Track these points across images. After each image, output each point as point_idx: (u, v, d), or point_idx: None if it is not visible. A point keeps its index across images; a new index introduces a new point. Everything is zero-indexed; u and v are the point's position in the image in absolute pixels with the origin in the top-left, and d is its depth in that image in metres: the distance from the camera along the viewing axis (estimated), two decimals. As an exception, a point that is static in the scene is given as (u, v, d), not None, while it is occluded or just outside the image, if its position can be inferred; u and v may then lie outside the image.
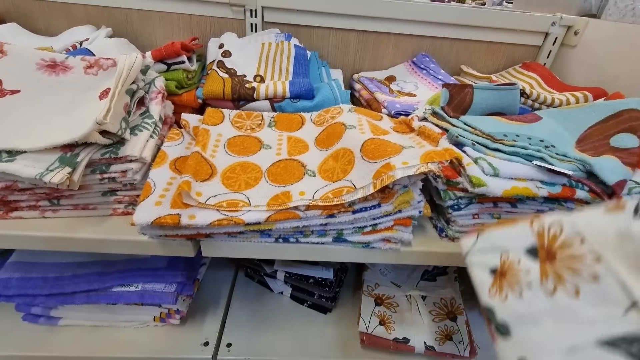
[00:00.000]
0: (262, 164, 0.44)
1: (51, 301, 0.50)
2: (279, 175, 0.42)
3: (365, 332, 0.58)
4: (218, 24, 0.76)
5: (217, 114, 0.51)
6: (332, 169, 0.42)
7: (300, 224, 0.38)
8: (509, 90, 0.56)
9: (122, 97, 0.41)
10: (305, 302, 0.65)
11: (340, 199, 0.37)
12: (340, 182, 0.39)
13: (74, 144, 0.37)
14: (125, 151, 0.39)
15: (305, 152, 0.46)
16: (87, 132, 0.35)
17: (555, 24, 0.77)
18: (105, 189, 0.41)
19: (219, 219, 0.35)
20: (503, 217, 0.43)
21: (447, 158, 0.37)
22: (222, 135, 0.48)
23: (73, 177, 0.36)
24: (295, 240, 0.40)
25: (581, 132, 0.50)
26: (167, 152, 0.44)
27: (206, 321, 0.60)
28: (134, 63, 0.44)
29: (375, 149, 0.39)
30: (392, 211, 0.39)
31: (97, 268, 0.51)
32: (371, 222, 0.40)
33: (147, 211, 0.35)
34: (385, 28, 0.78)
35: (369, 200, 0.38)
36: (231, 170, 0.42)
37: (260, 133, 0.50)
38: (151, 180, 0.39)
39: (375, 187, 0.36)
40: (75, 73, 0.45)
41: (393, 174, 0.35)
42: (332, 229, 0.40)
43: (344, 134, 0.45)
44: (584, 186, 0.40)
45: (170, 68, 0.56)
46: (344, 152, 0.43)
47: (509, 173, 0.40)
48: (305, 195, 0.38)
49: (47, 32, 0.75)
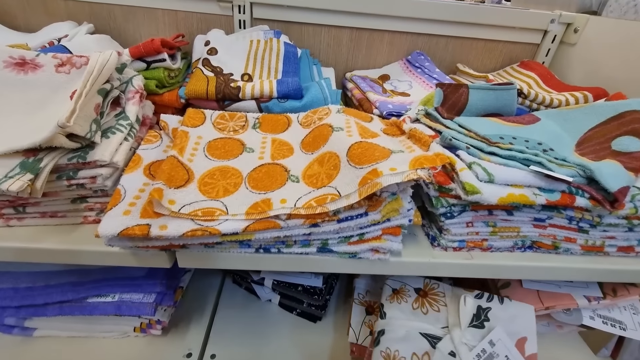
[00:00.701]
0: (243, 169, 0.41)
1: (21, 313, 0.47)
2: (260, 181, 0.39)
3: (355, 343, 0.56)
4: (205, 20, 0.73)
5: (198, 114, 0.49)
6: (317, 174, 0.39)
7: (282, 234, 0.35)
8: (506, 90, 0.54)
9: (93, 97, 0.39)
10: (294, 310, 0.63)
11: (324, 207, 0.34)
12: (325, 188, 0.37)
13: (37, 148, 0.34)
14: (94, 155, 0.36)
15: (289, 156, 0.44)
16: (48, 135, 0.32)
17: (554, 22, 0.75)
18: (75, 195, 0.38)
19: (192, 230, 0.33)
20: (498, 225, 0.40)
21: (438, 164, 0.34)
22: (202, 138, 0.45)
23: (35, 185, 0.33)
24: (277, 251, 0.38)
25: (581, 134, 0.48)
26: (142, 155, 0.42)
27: (190, 331, 0.58)
28: (107, 61, 0.41)
29: (362, 153, 0.37)
30: (380, 220, 0.36)
31: (72, 277, 0.48)
32: (358, 232, 0.37)
33: (114, 221, 0.33)
34: (380, 25, 0.75)
35: (355, 209, 0.35)
36: (210, 176, 0.39)
37: (244, 135, 0.48)
38: (122, 186, 0.37)
39: (361, 195, 0.33)
40: (45, 72, 0.42)
41: (380, 181, 0.32)
42: (316, 239, 0.37)
43: (330, 136, 0.43)
44: (585, 193, 0.38)
45: (150, 66, 0.53)
46: (330, 156, 0.40)
47: (504, 179, 0.37)
48: (286, 203, 0.35)
49: (26, 28, 0.72)
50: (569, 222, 0.40)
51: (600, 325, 0.49)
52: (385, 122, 0.52)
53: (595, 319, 0.49)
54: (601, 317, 0.50)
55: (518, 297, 0.50)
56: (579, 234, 0.41)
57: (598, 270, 0.42)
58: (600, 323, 0.49)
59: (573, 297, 0.49)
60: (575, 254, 0.43)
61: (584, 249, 0.42)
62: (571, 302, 0.49)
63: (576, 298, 0.49)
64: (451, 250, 0.41)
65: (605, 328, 0.49)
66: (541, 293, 0.50)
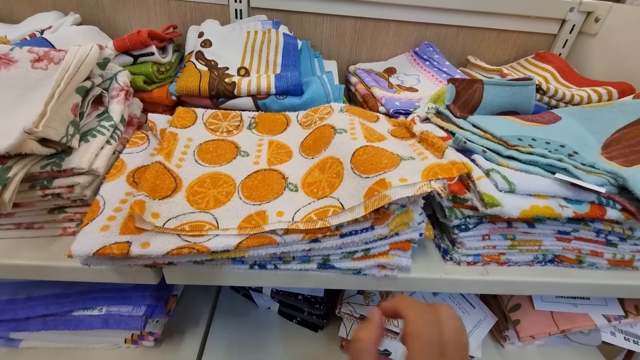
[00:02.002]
0: (237, 176, 0.37)
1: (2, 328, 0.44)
2: (255, 189, 0.36)
3: (345, 338, 0.54)
4: (199, 10, 0.69)
5: (189, 114, 0.45)
6: (318, 183, 0.35)
7: (278, 250, 0.32)
8: (524, 86, 0.50)
9: (70, 97, 0.35)
10: (295, 318, 0.60)
11: (325, 222, 0.31)
12: (326, 199, 0.33)
13: (5, 155, 0.31)
14: (70, 162, 0.32)
15: (287, 161, 0.40)
16: (13, 142, 0.28)
17: (573, 10, 0.70)
18: (51, 206, 0.35)
19: (178, 247, 0.29)
20: (518, 238, 0.37)
21: (455, 174, 0.31)
22: (192, 140, 0.41)
23: (3, 197, 0.29)
24: (274, 267, 0.35)
25: (608, 135, 0.44)
26: (126, 160, 0.38)
27: (185, 340, 0.55)
28: (86, 56, 0.37)
29: (368, 159, 0.33)
30: (388, 234, 0.33)
31: (56, 289, 0.45)
32: (363, 247, 0.34)
33: (90, 238, 0.29)
34: (385, 14, 0.70)
35: (360, 222, 0.32)
36: (199, 184, 0.36)
37: (238, 137, 0.44)
38: (101, 197, 0.33)
39: (367, 209, 0.30)
40: (20, 67, 0.38)
41: (388, 194, 0.29)
42: (317, 255, 0.34)
43: (332, 139, 0.39)
44: (616, 204, 0.34)
45: (137, 61, 0.49)
46: (332, 161, 0.36)
47: (527, 189, 0.33)
48: (283, 217, 0.32)
49: (10, 19, 0.67)
50: (596, 235, 0.37)
51: (622, 342, 0.46)
52: (393, 121, 0.48)
53: (617, 334, 0.46)
54: (623, 332, 0.46)
55: (530, 319, 0.46)
56: (607, 247, 0.37)
57: (627, 287, 0.38)
58: (622, 340, 0.46)
59: (591, 317, 0.45)
60: (601, 268, 0.39)
61: (610, 264, 0.38)
62: (589, 323, 0.45)
63: (594, 318, 0.45)
64: (465, 264, 0.38)
65: (628, 345, 0.45)
66: (555, 314, 0.47)
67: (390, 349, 0.54)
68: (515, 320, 0.46)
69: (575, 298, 0.47)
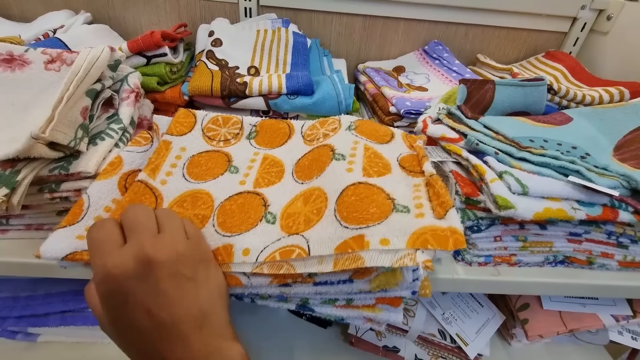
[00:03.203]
0: (218, 196, 0.34)
1: (23, 323, 0.45)
2: (230, 216, 0.32)
3: (355, 335, 0.55)
4: (208, 8, 0.69)
5: (188, 118, 0.42)
6: (296, 215, 0.32)
7: (246, 291, 0.29)
8: (535, 86, 0.50)
9: (80, 100, 0.34)
10: (304, 314, 0.61)
11: (289, 265, 0.27)
12: (296, 237, 0.29)
13: (15, 159, 0.31)
14: (77, 166, 0.32)
15: (275, 183, 0.37)
16: (21, 148, 0.29)
17: (585, 8, 0.69)
18: (60, 208, 0.35)
19: None
20: (529, 240, 0.37)
21: (451, 249, 0.25)
22: (185, 150, 0.39)
23: (12, 200, 0.30)
24: (251, 300, 0.31)
25: (620, 137, 0.44)
26: (124, 159, 0.36)
27: (197, 336, 0.56)
28: (97, 58, 0.36)
29: (354, 204, 0.29)
30: (372, 290, 0.28)
31: (73, 285, 0.46)
32: (344, 296, 0.30)
33: (63, 242, 0.28)
34: (395, 12, 0.70)
35: (336, 273, 0.27)
36: (179, 204, 0.33)
37: (234, 147, 0.41)
38: (87, 197, 0.31)
39: (336, 266, 0.26)
40: (34, 69, 0.39)
41: (363, 257, 0.25)
42: (294, 297, 0.30)
43: (327, 166, 0.35)
44: (628, 207, 0.34)
45: (150, 61, 0.49)
46: (318, 194, 0.32)
47: (540, 191, 0.34)
48: (248, 256, 0.28)
49: (21, 17, 0.68)
50: (607, 237, 0.37)
51: (629, 342, 0.46)
52: (411, 140, 0.40)
53: (624, 334, 0.47)
54: (630, 332, 0.47)
55: (538, 319, 0.47)
56: (618, 249, 0.38)
57: (637, 287, 0.39)
58: (629, 339, 0.46)
59: (599, 317, 0.46)
60: (612, 269, 0.39)
61: (621, 265, 0.39)
62: (597, 323, 0.46)
63: (602, 318, 0.46)
64: (476, 265, 0.38)
65: (635, 344, 0.46)
66: (564, 314, 0.47)
67: (399, 345, 0.54)
68: (524, 319, 0.46)
69: (584, 298, 0.47)
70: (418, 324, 0.53)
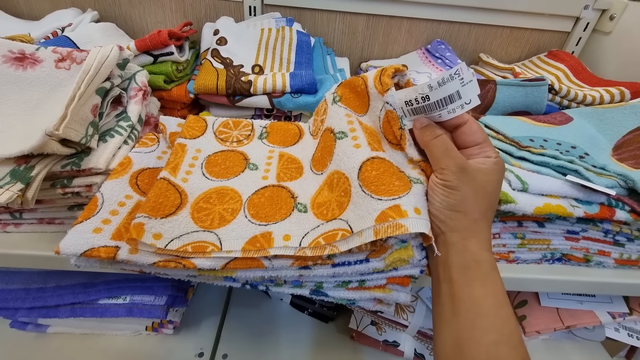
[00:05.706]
0: (244, 191, 0.35)
1: (34, 314, 0.47)
2: (262, 208, 0.34)
3: (356, 330, 0.56)
4: (214, 7, 0.69)
5: (199, 123, 0.43)
6: (328, 203, 0.33)
7: (267, 274, 0.30)
8: (536, 86, 0.50)
9: (90, 98, 0.36)
10: (306, 309, 0.62)
11: (333, 247, 0.28)
12: (335, 222, 0.30)
13: (29, 155, 0.32)
14: (88, 163, 0.33)
15: (297, 178, 0.38)
16: (36, 144, 0.30)
17: (588, 7, 0.69)
18: (71, 203, 0.36)
19: (165, 260, 0.29)
20: (527, 237, 0.38)
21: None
22: (201, 152, 0.39)
23: (26, 195, 0.31)
24: (265, 288, 0.33)
25: (619, 137, 0.44)
26: (133, 159, 0.37)
27: (201, 329, 0.58)
28: (106, 57, 0.37)
29: (378, 178, 0.30)
30: (384, 269, 0.30)
31: (83, 278, 0.47)
32: (358, 277, 0.31)
33: (81, 238, 0.29)
34: (398, 11, 0.71)
35: (354, 253, 0.30)
36: (205, 199, 0.34)
37: (248, 147, 0.42)
38: (100, 195, 0.32)
39: (378, 235, 0.27)
40: (45, 67, 0.39)
41: (405, 225, 0.26)
42: (309, 281, 0.32)
43: (334, 147, 0.35)
44: (625, 205, 0.35)
45: (157, 60, 0.50)
46: (339, 177, 0.33)
47: (539, 189, 0.34)
48: (290, 241, 0.30)
49: (29, 15, 0.69)
50: (604, 235, 0.38)
51: (625, 338, 0.47)
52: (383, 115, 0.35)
53: (621, 331, 0.47)
54: (627, 329, 0.48)
55: (536, 315, 0.48)
56: (614, 247, 0.38)
57: (633, 285, 0.39)
58: (625, 336, 0.47)
59: (596, 314, 0.47)
60: (608, 267, 0.40)
61: (617, 263, 0.40)
62: (593, 320, 0.46)
63: (599, 315, 0.46)
64: (475, 261, 0.39)
65: (631, 341, 0.47)
66: (561, 311, 0.48)
67: (399, 340, 0.56)
68: (522, 315, 0.47)
69: (581, 295, 0.48)
70: (418, 319, 0.54)
